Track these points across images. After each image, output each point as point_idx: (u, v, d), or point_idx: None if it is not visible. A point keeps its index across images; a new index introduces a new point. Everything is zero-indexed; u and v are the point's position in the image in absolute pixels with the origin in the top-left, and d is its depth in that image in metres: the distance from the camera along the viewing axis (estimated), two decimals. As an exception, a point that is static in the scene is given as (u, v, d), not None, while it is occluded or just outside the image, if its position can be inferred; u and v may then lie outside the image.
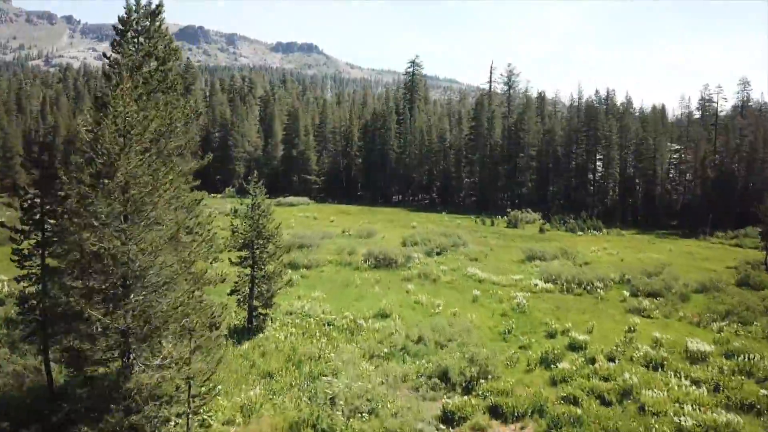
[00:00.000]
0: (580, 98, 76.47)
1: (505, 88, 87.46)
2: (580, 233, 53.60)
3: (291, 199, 71.06)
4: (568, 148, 70.22)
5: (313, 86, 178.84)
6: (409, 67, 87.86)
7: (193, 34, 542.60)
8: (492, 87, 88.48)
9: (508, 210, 71.98)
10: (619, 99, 76.48)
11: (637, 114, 74.10)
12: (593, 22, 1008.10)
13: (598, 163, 69.62)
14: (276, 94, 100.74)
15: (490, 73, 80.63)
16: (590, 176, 69.98)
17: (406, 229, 50.93)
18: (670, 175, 64.86)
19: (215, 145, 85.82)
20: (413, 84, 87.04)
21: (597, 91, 69.31)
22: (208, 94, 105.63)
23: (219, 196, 78.10)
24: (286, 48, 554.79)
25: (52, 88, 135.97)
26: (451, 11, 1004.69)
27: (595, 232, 53.64)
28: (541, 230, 53.47)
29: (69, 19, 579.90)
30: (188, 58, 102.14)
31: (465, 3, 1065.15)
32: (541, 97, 79.20)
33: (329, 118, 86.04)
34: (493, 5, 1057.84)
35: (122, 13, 14.85)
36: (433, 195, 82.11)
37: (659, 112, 72.79)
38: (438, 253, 36.98)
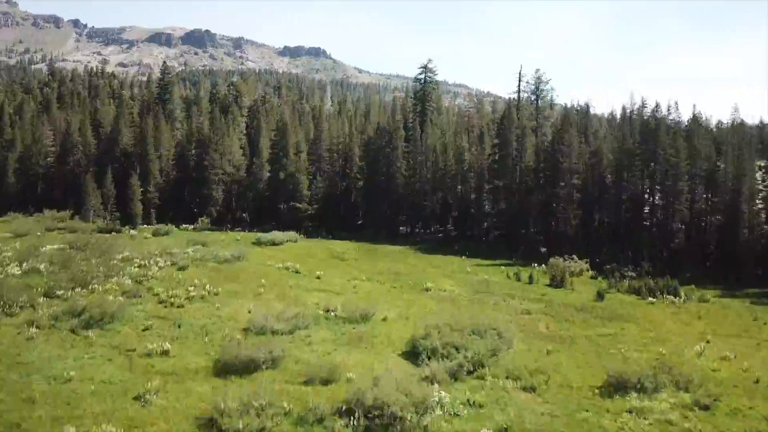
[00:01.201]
0: (632, 111, 62.36)
1: (532, 98, 74.03)
2: (650, 298, 39.65)
3: (275, 234, 57.35)
4: (619, 174, 56.28)
5: (312, 92, 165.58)
6: (420, 74, 74.17)
7: (199, 38, 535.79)
8: (513, 96, 75.46)
9: (543, 248, 58.33)
10: (685, 113, 62.00)
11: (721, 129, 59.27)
12: (608, 24, 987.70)
13: (658, 194, 55.70)
14: (267, 102, 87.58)
15: (519, 81, 67.13)
16: (646, 209, 56.02)
17: (417, 297, 37.26)
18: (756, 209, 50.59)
19: (192, 164, 72.84)
20: (425, 93, 73.41)
21: (657, 105, 55.32)
22: (193, 101, 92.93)
23: (191, 227, 64.79)
24: (293, 52, 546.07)
25: (32, 93, 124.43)
26: (462, 13, 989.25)
27: (672, 297, 39.58)
28: (600, 295, 39.53)
29: (76, 23, 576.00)
30: (164, 62, 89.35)
31: (477, 4, 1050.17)
32: (584, 110, 65.13)
33: (325, 133, 72.63)
34: (508, 6, 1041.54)
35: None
36: (448, 227, 68.43)
37: (738, 127, 58.19)
38: (470, 372, 23.29)
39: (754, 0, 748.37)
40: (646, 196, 56.32)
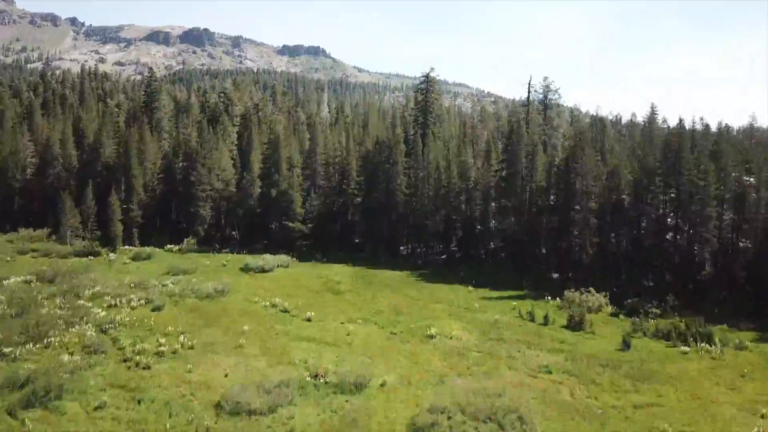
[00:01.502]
0: (650, 122, 57.76)
1: (540, 107, 69.64)
2: (683, 347, 35.24)
3: (265, 259, 52.97)
4: (638, 195, 51.85)
5: (309, 94, 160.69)
6: (422, 83, 69.49)
7: (198, 37, 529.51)
8: (517, 99, 71.32)
9: (555, 273, 54.00)
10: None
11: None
12: (608, 24, 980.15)
13: (679, 215, 51.25)
14: (260, 111, 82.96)
15: (528, 92, 62.56)
16: (669, 236, 51.55)
17: (420, 347, 32.86)
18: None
19: (179, 178, 68.24)
20: (426, 104, 68.75)
21: (681, 120, 50.79)
22: (183, 107, 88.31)
23: (176, 248, 60.25)
24: (292, 51, 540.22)
25: (20, 96, 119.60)
26: (462, 13, 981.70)
27: (707, 346, 35.14)
28: (626, 343, 35.16)
29: (73, 21, 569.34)
30: (151, 69, 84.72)
31: (477, 4, 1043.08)
32: (600, 124, 60.46)
33: (320, 146, 68.10)
34: (508, 6, 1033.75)
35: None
36: (451, 247, 63.89)
37: (749, 132, 53.42)
38: (485, 479, 18.89)
39: (754, 0, 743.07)
40: (669, 220, 51.81)
